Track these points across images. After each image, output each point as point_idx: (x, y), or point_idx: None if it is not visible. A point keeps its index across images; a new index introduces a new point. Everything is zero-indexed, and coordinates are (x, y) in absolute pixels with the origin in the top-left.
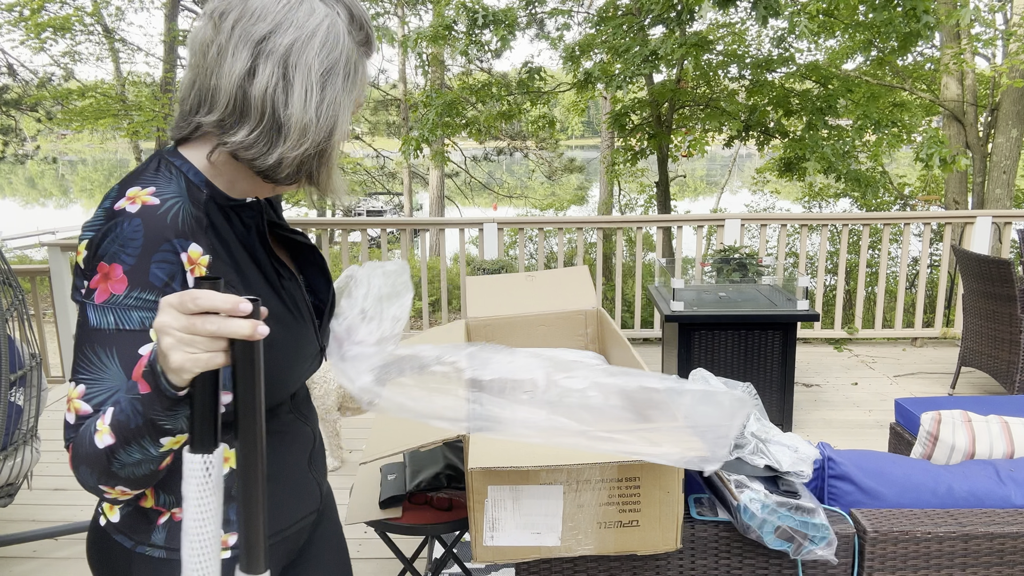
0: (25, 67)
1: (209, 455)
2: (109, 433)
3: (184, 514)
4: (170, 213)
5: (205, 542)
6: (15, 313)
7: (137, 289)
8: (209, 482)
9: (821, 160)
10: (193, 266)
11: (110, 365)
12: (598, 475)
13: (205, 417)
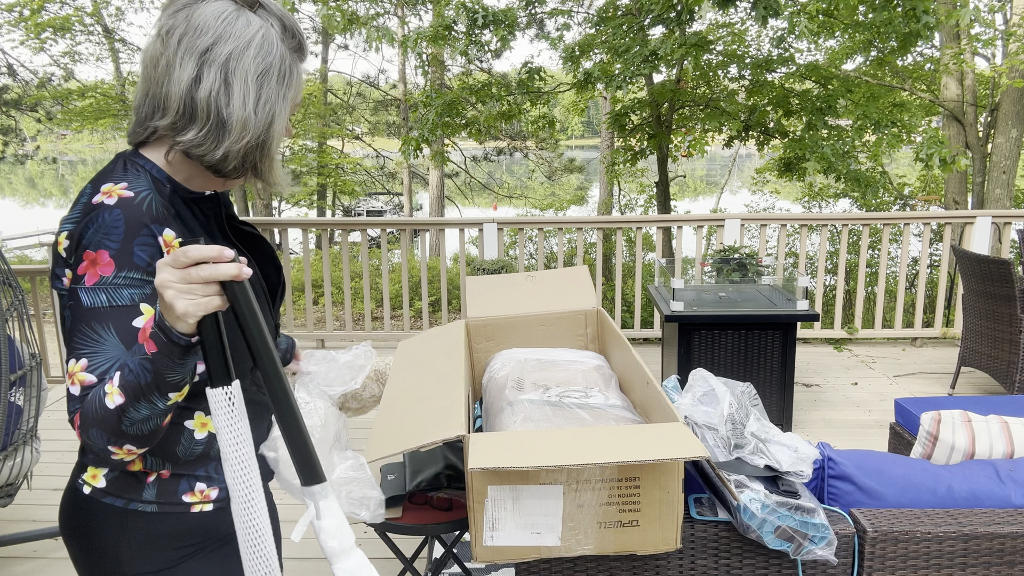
0: (25, 67)
1: (228, 387)
2: (119, 393)
3: (220, 443)
4: (144, 203)
5: (244, 463)
6: (15, 313)
7: (124, 270)
8: (234, 410)
9: (821, 160)
10: (169, 247)
11: (108, 337)
12: (598, 475)
13: (217, 354)
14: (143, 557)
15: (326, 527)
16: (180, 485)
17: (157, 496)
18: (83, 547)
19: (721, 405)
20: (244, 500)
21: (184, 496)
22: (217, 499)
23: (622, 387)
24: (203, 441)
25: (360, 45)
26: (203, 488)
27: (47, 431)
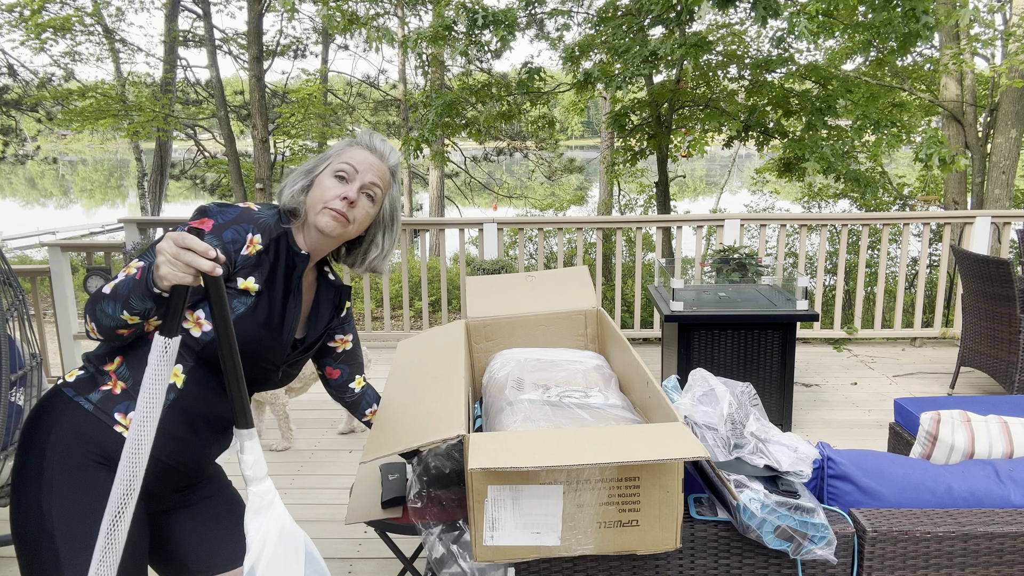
0: (25, 67)
1: (169, 339)
2: (110, 287)
3: (145, 376)
4: (259, 217)
5: (153, 397)
6: (15, 313)
7: (213, 235)
8: (164, 357)
9: (820, 160)
10: (251, 245)
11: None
12: (598, 475)
13: (174, 313)
14: (64, 444)
15: (247, 459)
16: (120, 404)
17: (99, 401)
18: (29, 424)
19: (721, 405)
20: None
21: (116, 414)
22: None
23: (622, 387)
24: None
25: (360, 45)
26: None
27: None
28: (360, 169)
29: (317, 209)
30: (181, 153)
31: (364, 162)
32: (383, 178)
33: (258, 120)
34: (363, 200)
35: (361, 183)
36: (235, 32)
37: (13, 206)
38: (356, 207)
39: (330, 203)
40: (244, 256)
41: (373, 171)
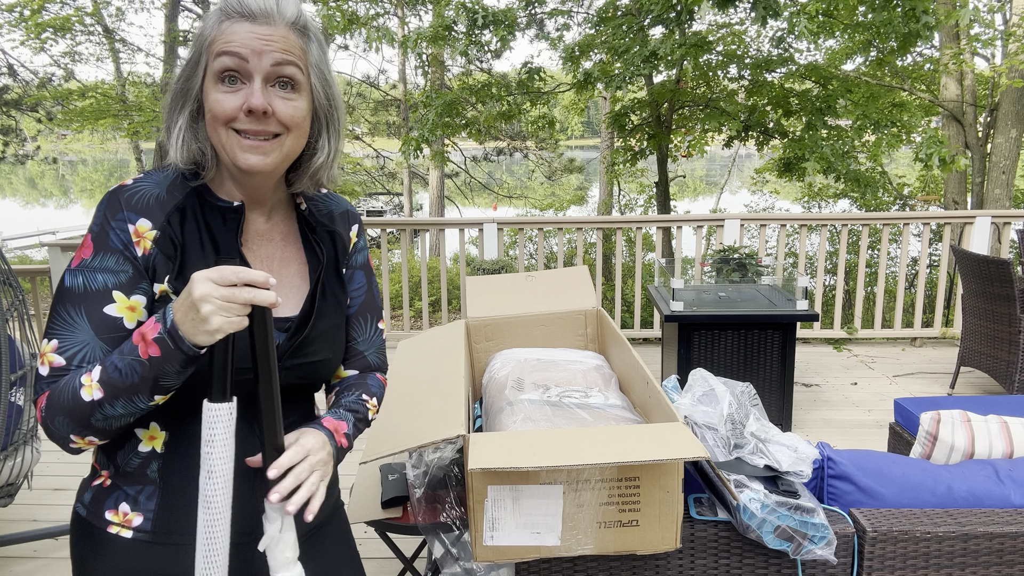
0: (25, 67)
1: (230, 403)
2: (99, 388)
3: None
4: (133, 195)
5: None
6: (15, 313)
7: (100, 253)
8: (231, 426)
9: (820, 160)
10: (139, 239)
11: (80, 322)
12: (598, 475)
13: (223, 370)
14: (76, 559)
15: (286, 539)
16: (108, 499)
17: (89, 502)
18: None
19: (721, 405)
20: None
21: (107, 512)
22: (138, 528)
23: (622, 387)
24: (143, 456)
25: (360, 45)
26: (127, 510)
27: None
28: (251, 51)
29: (221, 141)
30: None
31: (250, 39)
32: (290, 47)
33: None
34: (278, 99)
35: (263, 73)
36: None
37: (13, 206)
38: (273, 116)
39: (233, 125)
40: (143, 256)
41: (272, 44)
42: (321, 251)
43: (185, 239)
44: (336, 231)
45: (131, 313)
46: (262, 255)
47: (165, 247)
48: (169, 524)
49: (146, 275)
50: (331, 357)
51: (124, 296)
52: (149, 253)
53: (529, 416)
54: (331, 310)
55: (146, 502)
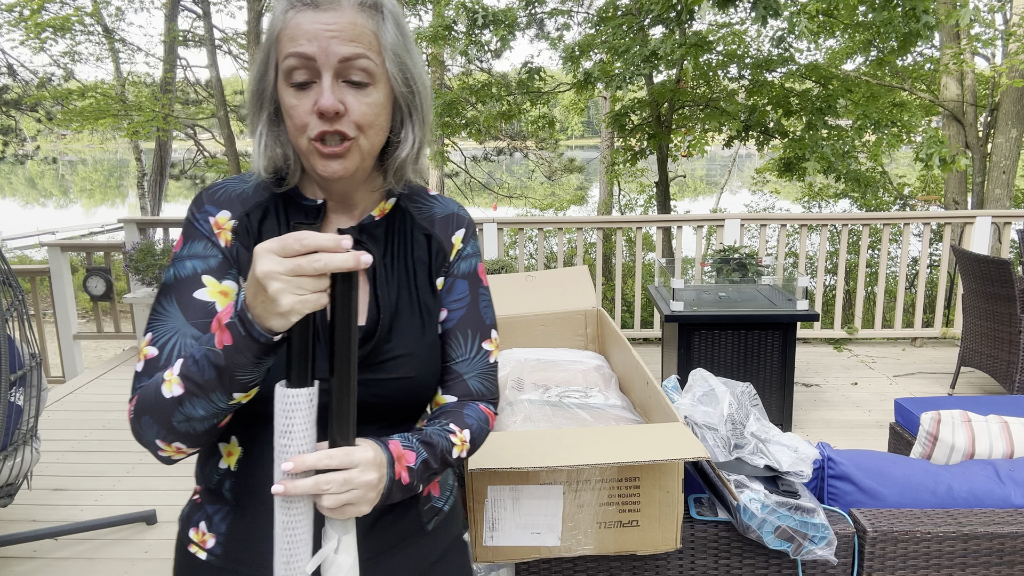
0: (25, 67)
1: (311, 389)
2: (178, 383)
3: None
4: (217, 190)
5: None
6: (15, 313)
7: (188, 242)
8: (311, 414)
9: (821, 160)
10: (220, 230)
11: (171, 310)
12: (598, 475)
13: (305, 354)
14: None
15: (342, 562)
16: (195, 515)
17: (184, 515)
18: None
19: (721, 405)
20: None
21: (191, 529)
22: (211, 551)
23: (622, 387)
24: (221, 472)
25: None
26: (204, 530)
27: (47, 431)
28: (317, 49)
29: (301, 148)
30: (181, 153)
31: (315, 31)
32: (359, 35)
33: None
34: (350, 97)
35: (332, 69)
36: (235, 32)
37: (13, 206)
38: (346, 115)
39: (308, 132)
40: (227, 248)
41: (339, 35)
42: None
43: (263, 234)
44: (433, 234)
45: (224, 298)
46: None
47: (244, 238)
48: (238, 551)
49: (233, 264)
50: (415, 376)
51: (215, 280)
52: (231, 245)
53: (529, 416)
54: (415, 321)
55: (219, 523)
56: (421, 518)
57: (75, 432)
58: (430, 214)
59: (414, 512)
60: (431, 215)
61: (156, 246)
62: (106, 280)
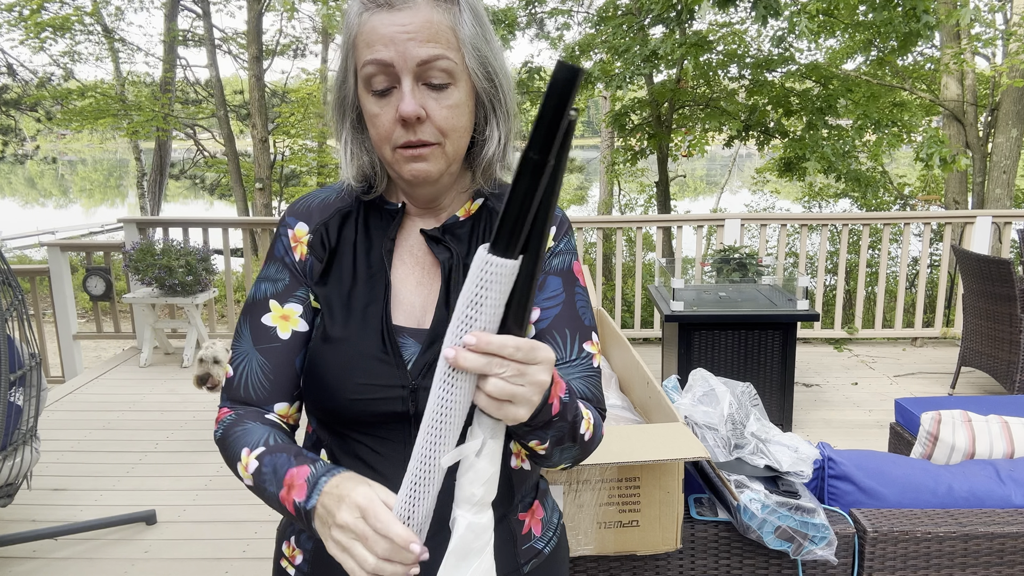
0: (25, 67)
1: (516, 262)
2: (250, 479)
3: (474, 318)
4: (301, 200)
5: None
6: (15, 313)
7: (268, 262)
8: (507, 290)
9: (821, 160)
10: (296, 243)
11: (244, 332)
12: (598, 475)
13: (521, 221)
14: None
15: (481, 469)
16: (288, 528)
17: (280, 527)
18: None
19: (721, 405)
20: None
21: (284, 542)
22: (299, 567)
23: (622, 387)
24: None
25: None
26: (294, 545)
27: (47, 431)
28: (395, 53)
29: (386, 158)
30: (181, 153)
31: (391, 34)
32: (436, 34)
33: (258, 120)
34: (431, 100)
35: (411, 73)
36: (235, 31)
37: (12, 206)
38: (428, 120)
39: (392, 141)
40: (301, 262)
41: (415, 38)
42: (451, 251)
43: (339, 243)
44: None
45: (284, 322)
46: (415, 259)
47: (316, 250)
48: (324, 571)
49: (304, 280)
50: None
51: (279, 305)
52: (305, 258)
53: None
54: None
55: (306, 540)
56: (518, 558)
57: (75, 432)
58: None
59: (510, 550)
60: None
61: (156, 246)
62: (106, 280)
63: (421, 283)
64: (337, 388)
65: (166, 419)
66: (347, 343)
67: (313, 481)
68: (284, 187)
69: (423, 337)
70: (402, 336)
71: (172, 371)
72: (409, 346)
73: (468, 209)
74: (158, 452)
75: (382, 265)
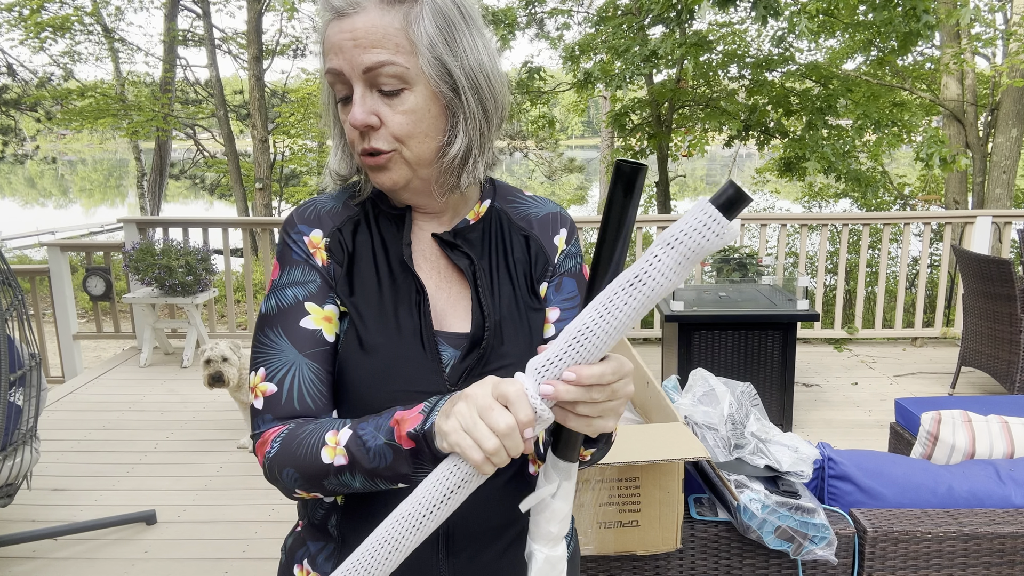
0: (25, 67)
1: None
2: (343, 455)
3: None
4: (307, 209)
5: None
6: (15, 313)
7: (286, 268)
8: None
9: (821, 160)
10: (315, 249)
11: (279, 342)
12: (598, 475)
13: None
14: None
15: (557, 509)
16: (299, 551)
17: (288, 547)
18: None
19: (721, 405)
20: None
21: (296, 566)
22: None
23: None
24: (327, 507)
25: None
26: (308, 569)
27: (47, 431)
28: (344, 61)
29: (358, 163)
30: (181, 153)
31: (341, 42)
32: (382, 39)
33: (258, 120)
34: (385, 108)
35: (362, 82)
36: (235, 31)
37: (12, 206)
38: (383, 127)
39: (356, 148)
40: (324, 268)
41: (360, 44)
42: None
43: (356, 248)
44: (532, 235)
45: (328, 324)
46: (429, 263)
47: (337, 254)
48: None
49: (331, 285)
50: None
51: (317, 307)
52: (327, 264)
53: None
54: (523, 326)
55: (324, 563)
56: None
57: (75, 432)
58: (527, 214)
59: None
60: (528, 215)
61: (156, 246)
62: (106, 280)
63: (439, 287)
64: (367, 398)
65: (166, 419)
66: (384, 349)
67: (431, 405)
68: (284, 187)
69: (456, 340)
70: (438, 340)
71: (172, 371)
72: (446, 351)
73: (478, 212)
74: (158, 452)
75: (403, 268)
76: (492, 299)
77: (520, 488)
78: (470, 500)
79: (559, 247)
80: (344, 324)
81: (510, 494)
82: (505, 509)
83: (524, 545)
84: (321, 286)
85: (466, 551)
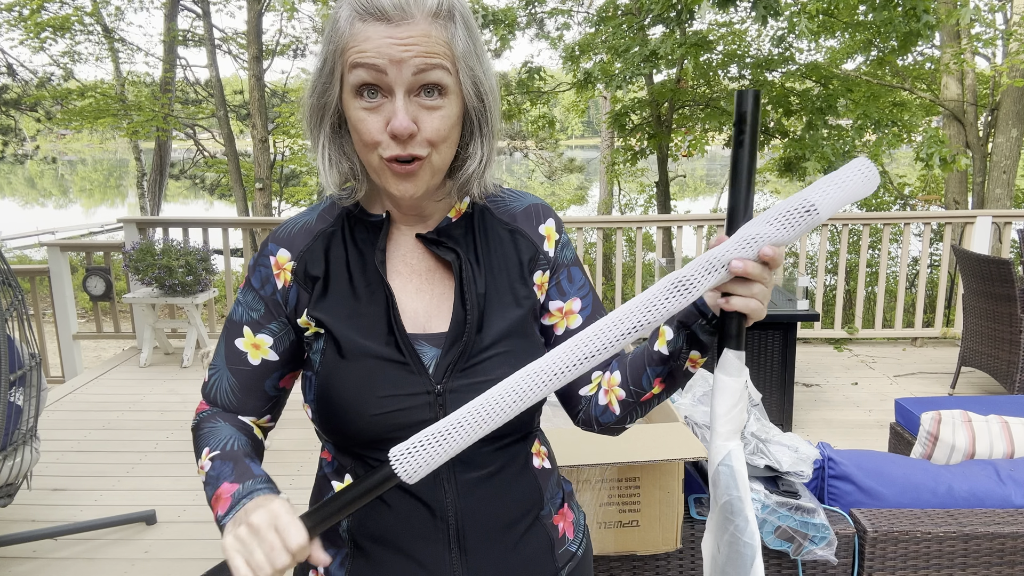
0: (24, 67)
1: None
2: (203, 476)
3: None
4: (283, 227)
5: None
6: (15, 313)
7: (245, 288)
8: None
9: (821, 160)
10: (280, 270)
11: (221, 348)
12: (598, 475)
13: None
14: None
15: (735, 414)
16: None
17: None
18: None
19: None
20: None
21: (310, 572)
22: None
23: None
24: None
25: None
26: (321, 573)
27: (47, 431)
28: (388, 61)
29: (372, 164)
30: (181, 153)
31: (387, 46)
32: (433, 47)
33: (258, 120)
34: (423, 112)
35: (405, 85)
36: (235, 31)
37: (12, 206)
38: (419, 132)
39: (380, 151)
40: (283, 290)
41: (412, 49)
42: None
43: (329, 265)
44: (516, 228)
45: (255, 351)
46: (409, 267)
47: (302, 278)
48: None
49: (281, 311)
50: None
51: (252, 333)
52: (289, 285)
53: None
54: (506, 318)
55: (337, 570)
56: (556, 563)
57: (75, 432)
58: (508, 208)
59: (548, 555)
60: (509, 209)
61: (156, 246)
62: (106, 280)
63: (420, 289)
64: (357, 408)
65: (166, 419)
66: (364, 358)
67: (239, 493)
68: (284, 187)
69: (439, 340)
70: (417, 342)
71: (172, 371)
72: (427, 351)
73: (459, 210)
74: (158, 452)
75: (378, 276)
76: (476, 292)
77: (526, 483)
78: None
79: (548, 236)
80: (320, 343)
81: (518, 489)
82: (515, 504)
83: (536, 539)
84: (263, 315)
85: (479, 548)
